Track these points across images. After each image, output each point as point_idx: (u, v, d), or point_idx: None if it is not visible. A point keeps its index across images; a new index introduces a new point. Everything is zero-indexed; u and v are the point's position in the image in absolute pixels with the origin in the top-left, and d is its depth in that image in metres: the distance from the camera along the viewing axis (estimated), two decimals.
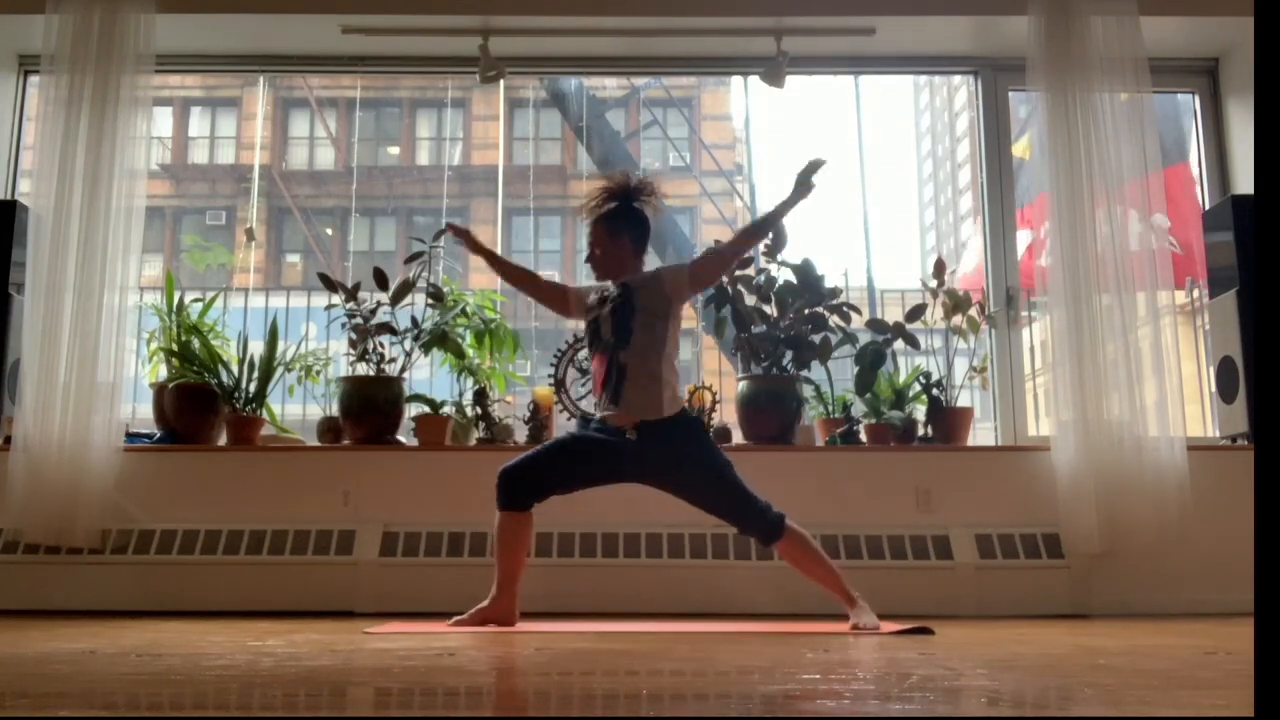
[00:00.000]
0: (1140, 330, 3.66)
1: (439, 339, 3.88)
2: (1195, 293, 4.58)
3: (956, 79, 7.57)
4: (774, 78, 4.16)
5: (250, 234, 4.88)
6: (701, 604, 3.43)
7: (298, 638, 2.48)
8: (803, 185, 2.92)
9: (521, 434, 3.92)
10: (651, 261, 3.11)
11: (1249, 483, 3.38)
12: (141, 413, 4.07)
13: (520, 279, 3.14)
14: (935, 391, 3.87)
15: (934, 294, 3.92)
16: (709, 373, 5.66)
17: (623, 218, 2.95)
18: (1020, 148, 4.43)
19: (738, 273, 3.89)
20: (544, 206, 13.18)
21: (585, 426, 2.93)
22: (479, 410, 3.89)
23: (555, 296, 3.08)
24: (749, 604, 3.41)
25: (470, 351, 4.01)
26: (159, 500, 3.65)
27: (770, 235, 3.40)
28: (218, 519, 3.62)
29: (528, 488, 2.84)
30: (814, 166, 2.94)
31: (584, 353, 3.99)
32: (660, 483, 2.86)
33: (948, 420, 3.83)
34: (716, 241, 3.22)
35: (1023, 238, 4.26)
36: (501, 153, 13.60)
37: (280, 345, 3.96)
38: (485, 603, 2.83)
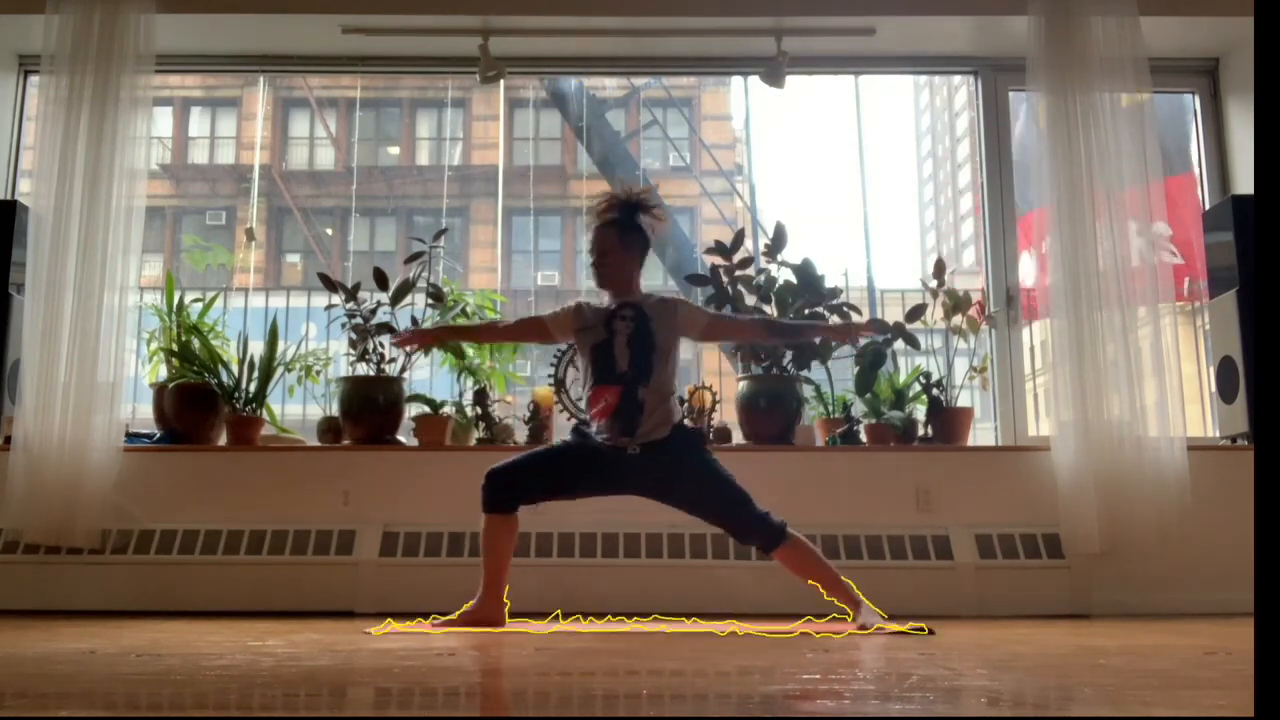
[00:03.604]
0: (1140, 330, 3.66)
1: None
2: (1195, 295, 4.57)
3: (956, 79, 7.57)
4: (774, 78, 4.16)
5: (250, 234, 4.88)
6: (702, 604, 3.43)
7: (298, 638, 2.48)
8: (845, 331, 3.24)
9: (522, 434, 3.92)
10: (651, 262, 3.10)
11: (1249, 483, 3.38)
12: (141, 413, 4.06)
13: (489, 335, 3.41)
14: (935, 391, 3.87)
15: (934, 294, 3.92)
16: (709, 373, 5.65)
17: (637, 230, 2.93)
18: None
19: (738, 273, 3.89)
20: (544, 206, 13.18)
21: (583, 436, 2.89)
22: (479, 410, 3.89)
23: (530, 330, 3.11)
24: (750, 604, 3.40)
25: (470, 351, 4.01)
26: (159, 500, 3.65)
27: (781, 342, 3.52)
28: (218, 519, 3.62)
29: (516, 490, 2.83)
30: (880, 328, 3.42)
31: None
32: (661, 493, 2.86)
33: (948, 420, 3.83)
34: (733, 310, 3.23)
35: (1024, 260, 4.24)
36: (501, 153, 13.61)
37: (280, 345, 3.96)
38: (472, 604, 2.83)
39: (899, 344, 3.88)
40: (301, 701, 1.45)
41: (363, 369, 3.84)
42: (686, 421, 3.09)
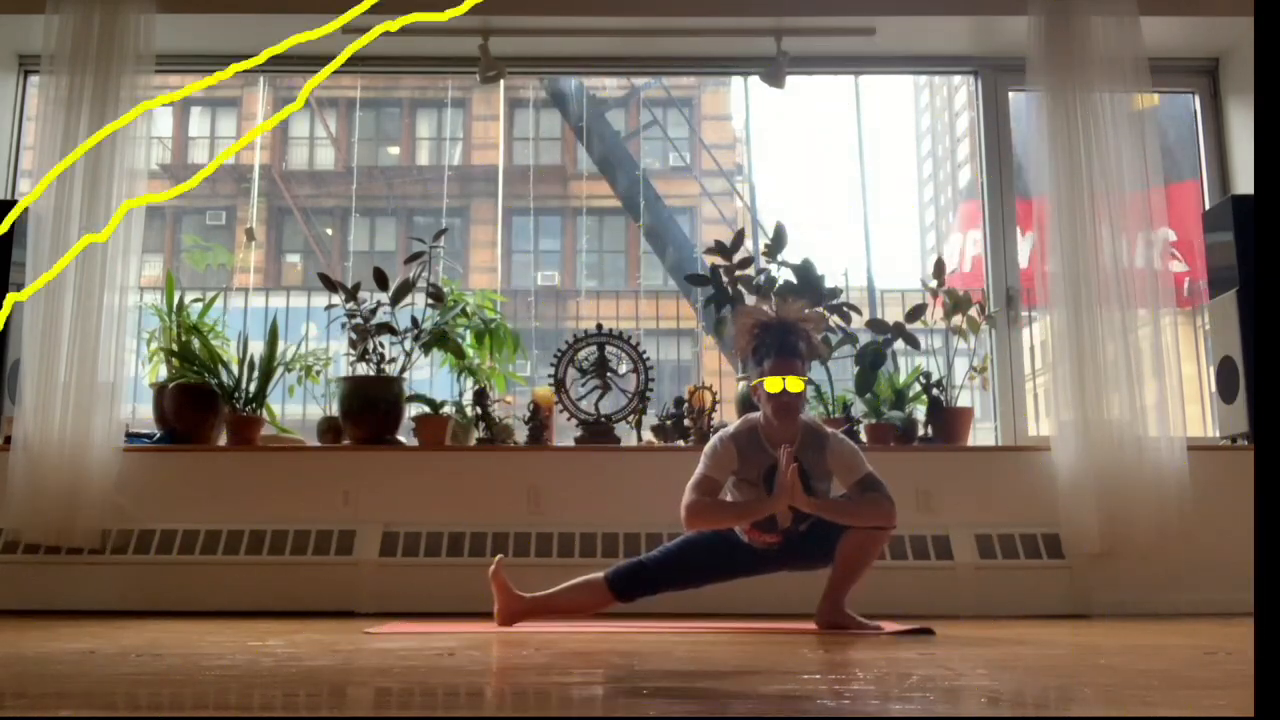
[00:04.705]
0: (1140, 330, 3.66)
1: (439, 339, 3.88)
2: (1195, 299, 4.57)
3: (956, 79, 7.58)
4: (774, 78, 4.16)
5: (250, 234, 4.90)
6: (702, 604, 3.42)
7: (298, 638, 2.48)
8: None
9: (521, 434, 3.91)
10: (651, 262, 3.09)
11: (1249, 483, 3.37)
12: (141, 413, 4.07)
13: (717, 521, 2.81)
14: (935, 391, 3.87)
15: (934, 294, 3.92)
16: (709, 373, 5.66)
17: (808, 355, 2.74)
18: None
19: (738, 273, 3.89)
20: (544, 206, 13.17)
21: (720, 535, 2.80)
22: (479, 410, 3.89)
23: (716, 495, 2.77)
24: (750, 604, 3.40)
25: (470, 351, 4.01)
26: (159, 500, 3.65)
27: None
28: (218, 519, 3.62)
29: (654, 590, 2.81)
30: None
31: (584, 352, 3.97)
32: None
33: (948, 420, 3.83)
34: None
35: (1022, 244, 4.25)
36: (501, 153, 13.59)
37: (280, 345, 3.97)
38: (526, 595, 2.83)
39: (899, 344, 3.88)
40: (301, 701, 1.45)
41: (363, 369, 3.84)
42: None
